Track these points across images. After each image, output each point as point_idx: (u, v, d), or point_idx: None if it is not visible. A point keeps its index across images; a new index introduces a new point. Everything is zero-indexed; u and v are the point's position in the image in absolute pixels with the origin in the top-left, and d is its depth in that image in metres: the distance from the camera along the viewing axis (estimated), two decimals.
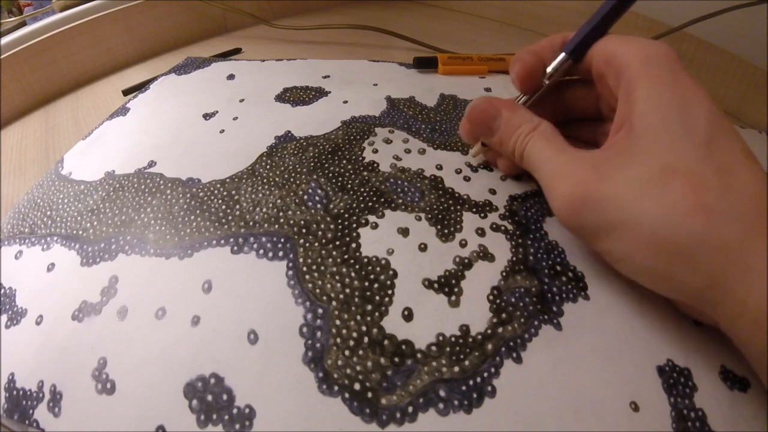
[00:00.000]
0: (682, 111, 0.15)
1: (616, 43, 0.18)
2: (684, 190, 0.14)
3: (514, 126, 0.20)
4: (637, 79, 0.16)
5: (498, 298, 0.18)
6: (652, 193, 0.15)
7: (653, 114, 0.16)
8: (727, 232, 0.14)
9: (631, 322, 0.17)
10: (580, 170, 0.17)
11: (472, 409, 0.15)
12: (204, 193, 0.22)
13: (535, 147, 0.19)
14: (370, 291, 0.18)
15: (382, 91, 0.30)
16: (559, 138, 0.19)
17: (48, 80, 0.37)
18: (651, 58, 0.16)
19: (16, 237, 0.22)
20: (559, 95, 0.22)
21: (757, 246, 0.13)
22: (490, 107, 0.21)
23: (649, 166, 0.15)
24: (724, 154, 0.15)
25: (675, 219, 0.14)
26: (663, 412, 0.15)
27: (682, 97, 0.16)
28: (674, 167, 0.15)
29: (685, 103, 0.15)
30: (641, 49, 0.17)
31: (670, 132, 0.15)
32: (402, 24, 0.47)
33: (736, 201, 0.14)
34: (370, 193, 0.22)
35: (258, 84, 0.32)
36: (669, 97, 0.16)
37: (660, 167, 0.15)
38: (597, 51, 0.19)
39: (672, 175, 0.15)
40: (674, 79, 0.16)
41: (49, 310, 0.19)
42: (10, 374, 0.17)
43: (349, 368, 0.16)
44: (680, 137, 0.15)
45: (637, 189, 0.15)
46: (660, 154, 0.15)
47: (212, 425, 0.15)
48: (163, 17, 0.41)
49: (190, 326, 0.17)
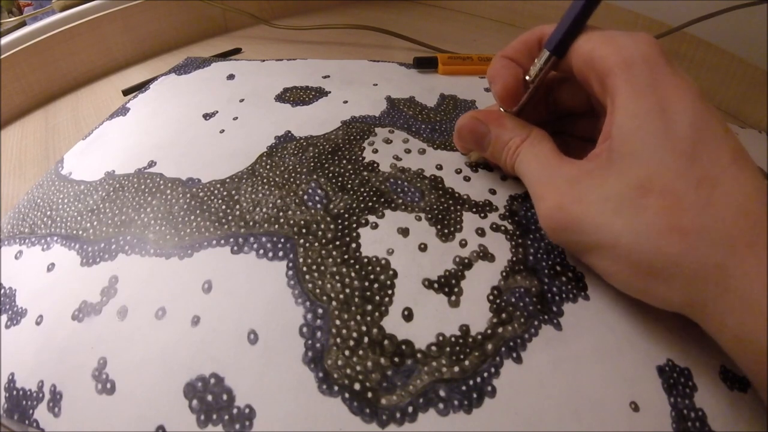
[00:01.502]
0: (662, 117, 0.14)
1: (597, 42, 0.16)
2: (659, 209, 0.14)
3: (504, 142, 0.20)
4: (617, 85, 0.15)
5: (498, 298, 0.18)
6: (626, 213, 0.14)
7: (630, 123, 0.15)
8: (704, 253, 0.13)
9: (631, 322, 0.17)
10: (558, 190, 0.17)
11: (472, 409, 0.15)
12: (204, 193, 0.22)
13: (522, 161, 0.19)
14: (370, 291, 0.18)
15: (382, 91, 0.30)
16: (546, 147, 0.18)
17: (48, 80, 0.37)
18: (630, 60, 0.15)
19: (16, 237, 0.22)
20: (550, 93, 0.22)
21: (739, 265, 0.13)
22: (479, 126, 0.21)
23: (624, 184, 0.15)
24: (708, 164, 0.14)
25: (649, 241, 0.14)
26: (663, 412, 0.15)
27: (663, 101, 0.15)
28: (650, 184, 0.14)
29: (666, 109, 0.14)
30: (621, 51, 0.15)
31: (648, 143, 0.14)
32: (402, 24, 0.47)
33: (717, 218, 0.13)
34: (370, 193, 0.22)
35: (258, 84, 0.32)
36: (647, 103, 0.15)
37: (635, 184, 0.14)
38: (577, 51, 0.17)
39: (647, 193, 0.14)
40: (654, 81, 0.15)
41: (49, 310, 0.19)
42: (10, 374, 0.17)
43: (349, 368, 0.16)
44: (659, 148, 0.14)
45: (610, 209, 0.15)
46: (635, 169, 0.15)
47: (212, 425, 0.15)
48: (163, 17, 0.41)
49: (190, 326, 0.17)
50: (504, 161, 0.20)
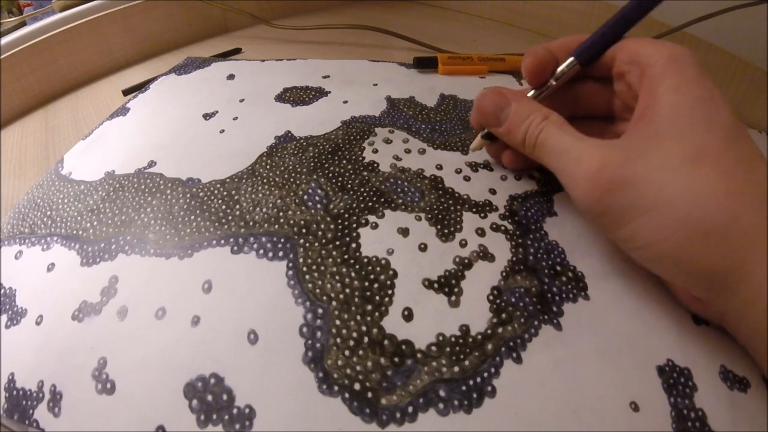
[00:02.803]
0: (708, 105, 0.16)
1: (639, 44, 0.18)
2: (714, 174, 0.15)
3: (524, 115, 0.20)
4: (664, 73, 0.17)
5: (498, 298, 0.18)
6: (685, 175, 0.15)
7: (682, 103, 0.16)
8: (750, 218, 0.14)
9: (631, 322, 0.17)
10: (606, 152, 0.17)
11: (472, 409, 0.15)
12: (204, 193, 0.22)
13: (551, 134, 0.19)
14: (370, 291, 0.18)
15: (382, 91, 0.30)
16: (571, 127, 0.19)
17: (48, 80, 0.37)
18: (676, 56, 0.17)
19: (16, 237, 0.22)
20: (571, 90, 0.22)
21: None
22: (499, 97, 0.21)
23: (681, 150, 0.16)
24: (746, 148, 0.16)
25: (707, 201, 0.15)
26: (663, 412, 0.15)
27: (708, 92, 0.16)
28: (704, 152, 0.15)
29: (710, 99, 0.16)
30: (666, 49, 0.17)
31: (701, 122, 0.16)
32: (402, 24, 0.47)
33: (757, 190, 0.15)
34: (370, 193, 0.22)
35: (258, 84, 0.32)
36: (696, 91, 0.16)
37: (691, 151, 0.15)
38: (621, 51, 0.19)
39: (703, 159, 0.15)
40: (699, 77, 0.17)
41: (49, 310, 0.19)
42: (10, 374, 0.17)
43: (349, 368, 0.16)
44: (708, 127, 0.16)
45: (669, 171, 0.15)
46: (689, 140, 0.16)
47: (212, 425, 0.15)
48: (163, 17, 0.41)
49: (190, 326, 0.17)
50: (523, 135, 0.20)
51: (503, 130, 0.21)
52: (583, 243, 0.20)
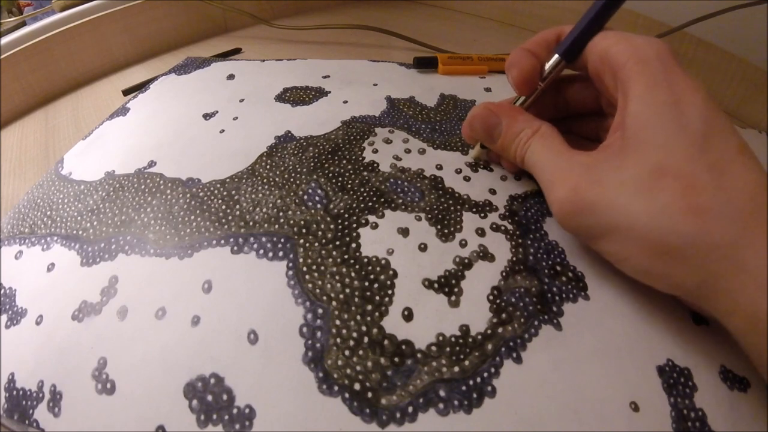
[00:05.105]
0: (676, 109, 0.15)
1: (611, 41, 0.18)
2: (675, 191, 0.14)
3: (515, 133, 0.20)
4: (631, 77, 0.16)
5: (498, 298, 0.18)
6: (643, 195, 0.15)
7: (645, 112, 0.16)
8: (719, 232, 0.14)
9: (631, 322, 0.17)
10: (573, 175, 0.17)
11: (472, 409, 0.15)
12: (204, 193, 0.22)
13: (533, 152, 0.19)
14: (370, 291, 0.18)
15: (382, 91, 0.30)
16: (557, 140, 0.19)
17: (48, 80, 0.37)
18: (645, 56, 0.16)
19: (16, 237, 0.22)
20: (559, 92, 0.22)
21: (751, 244, 0.13)
22: (491, 116, 0.21)
23: (641, 168, 0.15)
24: (719, 152, 0.15)
25: (666, 221, 0.14)
26: (663, 412, 0.15)
27: (676, 95, 0.15)
28: (665, 167, 0.15)
29: (679, 102, 0.15)
30: (636, 48, 0.17)
31: (663, 131, 0.15)
32: (402, 24, 0.47)
33: (729, 200, 0.14)
34: (370, 193, 0.22)
35: (258, 84, 0.32)
36: (662, 95, 0.16)
37: (651, 168, 0.15)
38: (592, 49, 0.18)
39: (663, 176, 0.15)
40: (668, 77, 0.16)
41: (49, 310, 0.19)
42: (10, 374, 0.17)
43: (349, 368, 0.16)
44: (673, 136, 0.15)
45: (628, 192, 0.15)
46: (651, 154, 0.15)
47: (212, 425, 0.15)
48: (163, 17, 0.41)
49: (190, 326, 0.17)
50: (514, 152, 0.20)
51: (497, 147, 0.21)
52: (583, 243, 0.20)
